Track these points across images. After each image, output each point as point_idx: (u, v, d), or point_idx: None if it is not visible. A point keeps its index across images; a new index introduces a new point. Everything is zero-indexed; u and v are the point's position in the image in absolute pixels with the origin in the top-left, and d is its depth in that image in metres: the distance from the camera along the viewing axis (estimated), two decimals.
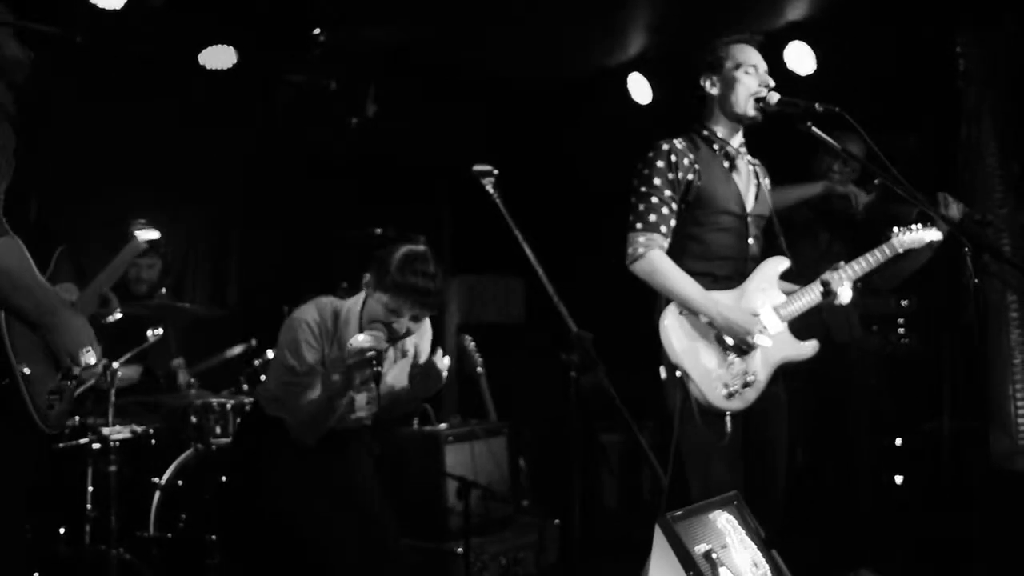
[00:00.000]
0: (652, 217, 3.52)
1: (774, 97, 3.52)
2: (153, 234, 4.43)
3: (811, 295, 3.62)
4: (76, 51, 5.18)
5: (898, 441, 5.07)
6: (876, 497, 4.82)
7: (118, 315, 4.20)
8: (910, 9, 5.05)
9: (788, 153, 4.15)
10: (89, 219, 5.42)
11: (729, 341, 3.48)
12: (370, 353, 3.24)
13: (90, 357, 3.41)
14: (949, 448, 4.65)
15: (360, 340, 3.25)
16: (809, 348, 3.63)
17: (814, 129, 3.39)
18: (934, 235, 3.75)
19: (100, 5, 5.03)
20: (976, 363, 4.75)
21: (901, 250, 3.72)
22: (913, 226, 3.75)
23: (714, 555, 2.65)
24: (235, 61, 5.66)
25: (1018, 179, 4.87)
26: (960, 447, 4.66)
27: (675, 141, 3.58)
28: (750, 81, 3.58)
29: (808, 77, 5.41)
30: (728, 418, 3.42)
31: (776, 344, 3.55)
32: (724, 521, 2.81)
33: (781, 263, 3.66)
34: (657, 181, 3.53)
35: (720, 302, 3.47)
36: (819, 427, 4.62)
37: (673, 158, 3.54)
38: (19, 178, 2.97)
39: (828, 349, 3.73)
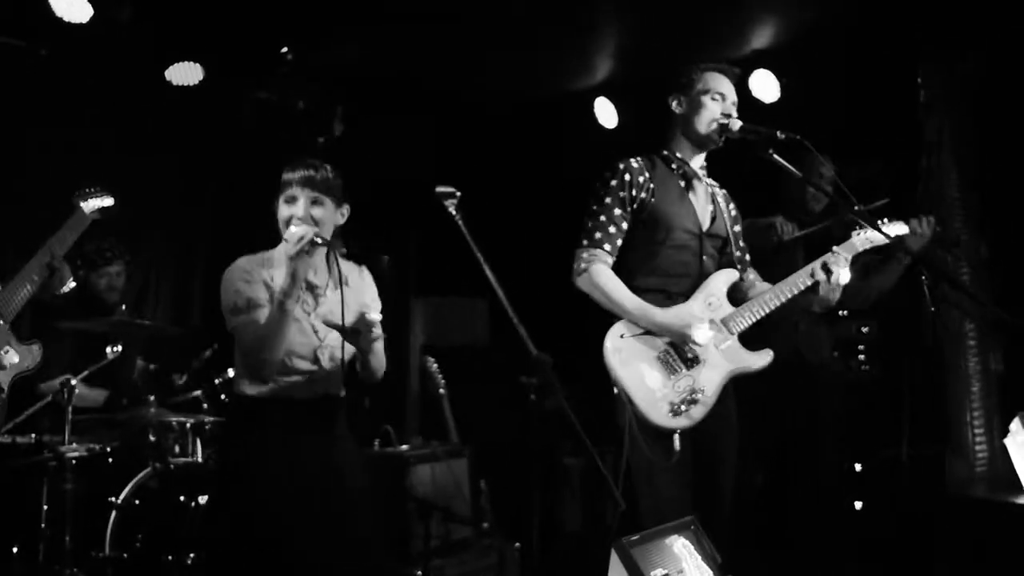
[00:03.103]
0: (598, 234, 3.59)
1: (736, 124, 3.59)
2: (105, 201, 4.32)
3: (791, 287, 3.61)
4: (42, 64, 5.23)
5: (857, 466, 5.10)
6: (836, 522, 4.84)
7: (72, 284, 4.11)
8: (873, 39, 5.12)
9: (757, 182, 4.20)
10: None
11: (672, 358, 3.50)
12: (307, 236, 3.23)
13: (12, 356, 3.35)
14: (908, 474, 4.68)
15: (293, 231, 3.26)
16: (761, 360, 3.61)
17: (775, 156, 3.44)
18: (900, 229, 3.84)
19: (66, 19, 5.02)
20: (935, 390, 4.80)
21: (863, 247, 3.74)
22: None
23: None
24: (201, 77, 5.66)
25: (978, 209, 4.93)
26: (919, 473, 4.70)
27: (632, 160, 3.67)
28: (714, 107, 3.65)
29: (772, 105, 5.48)
30: (677, 436, 3.43)
31: (724, 357, 3.57)
32: (680, 546, 2.82)
33: (730, 276, 3.69)
34: (608, 200, 3.61)
35: (651, 310, 3.50)
36: (783, 448, 4.64)
37: (627, 177, 3.61)
38: None
39: (799, 370, 3.73)
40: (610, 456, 4.41)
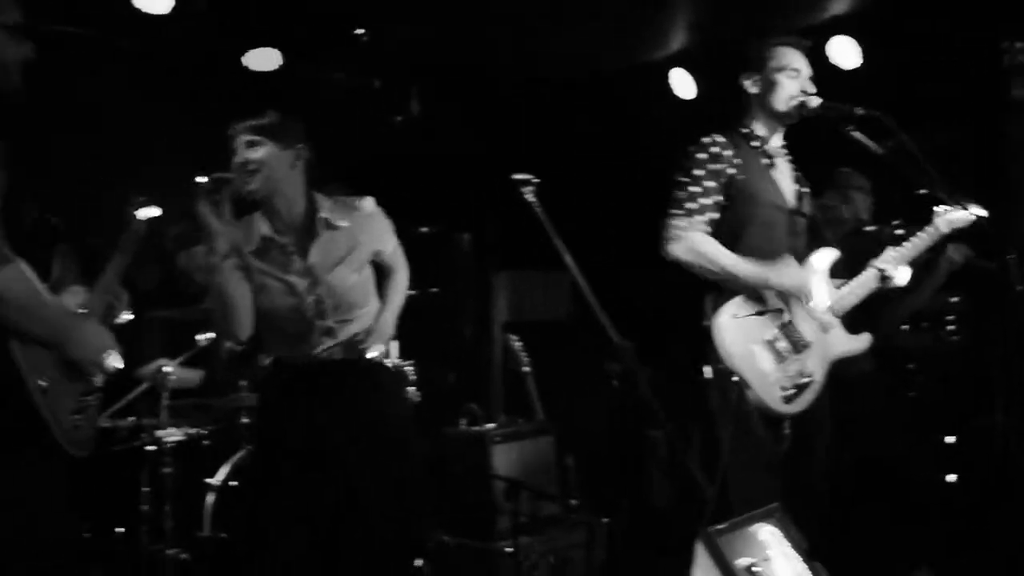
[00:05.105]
0: (692, 204, 3.50)
1: (815, 101, 3.51)
2: (153, 211, 4.42)
3: (863, 285, 3.61)
4: (121, 55, 5.30)
5: (949, 439, 5.02)
6: (929, 496, 4.78)
7: (127, 316, 4.17)
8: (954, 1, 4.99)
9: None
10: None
11: (781, 344, 3.44)
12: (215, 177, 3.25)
13: (116, 360, 3.35)
14: (1001, 445, 4.60)
15: None
16: (863, 341, 3.61)
17: (855, 133, 3.37)
18: (979, 211, 3.65)
19: (145, 10, 5.09)
20: None
21: (947, 230, 3.69)
22: (955, 206, 3.71)
23: (757, 568, 2.65)
24: (280, 63, 5.70)
25: None
26: (1012, 444, 4.61)
27: (716, 136, 3.57)
28: (791, 85, 3.57)
29: (853, 71, 5.36)
30: (788, 423, 3.39)
31: (830, 341, 3.54)
32: (767, 534, 2.80)
33: (830, 255, 3.65)
34: (698, 172, 3.51)
35: (765, 269, 3.43)
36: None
37: (715, 150, 3.52)
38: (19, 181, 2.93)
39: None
40: (696, 433, 4.39)
